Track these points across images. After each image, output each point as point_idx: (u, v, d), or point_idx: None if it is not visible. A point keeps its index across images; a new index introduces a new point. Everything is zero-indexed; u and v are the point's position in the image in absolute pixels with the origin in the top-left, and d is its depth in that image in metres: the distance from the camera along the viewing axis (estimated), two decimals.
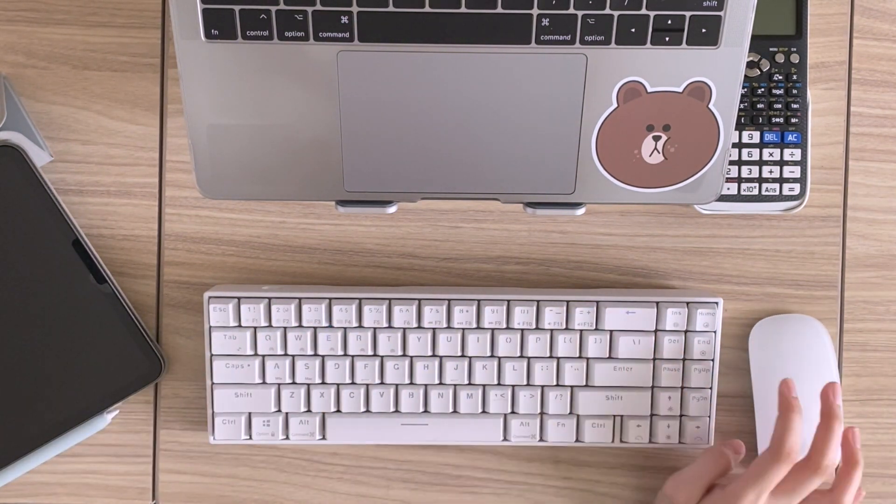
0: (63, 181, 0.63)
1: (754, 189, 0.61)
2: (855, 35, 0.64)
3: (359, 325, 0.60)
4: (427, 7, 0.51)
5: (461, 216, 0.64)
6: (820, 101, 0.64)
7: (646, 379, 0.61)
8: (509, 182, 0.56)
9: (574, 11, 0.51)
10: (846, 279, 0.64)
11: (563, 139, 0.55)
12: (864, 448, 0.64)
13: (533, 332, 0.61)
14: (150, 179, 0.63)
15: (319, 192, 0.56)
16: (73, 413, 0.61)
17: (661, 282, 0.64)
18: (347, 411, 0.61)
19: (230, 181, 0.56)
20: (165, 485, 0.64)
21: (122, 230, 0.63)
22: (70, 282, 0.61)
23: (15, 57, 0.62)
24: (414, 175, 0.55)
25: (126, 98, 0.63)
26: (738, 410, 0.64)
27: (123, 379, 0.62)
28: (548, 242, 0.64)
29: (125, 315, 0.61)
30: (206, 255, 0.63)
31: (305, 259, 0.64)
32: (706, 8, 0.51)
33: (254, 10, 0.51)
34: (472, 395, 0.61)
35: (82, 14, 0.62)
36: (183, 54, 0.52)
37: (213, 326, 0.60)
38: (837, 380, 0.62)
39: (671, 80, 0.53)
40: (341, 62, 0.52)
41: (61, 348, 0.61)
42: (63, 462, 0.63)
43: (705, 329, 0.61)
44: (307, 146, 0.55)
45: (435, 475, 0.64)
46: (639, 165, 0.55)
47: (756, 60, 0.61)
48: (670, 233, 0.64)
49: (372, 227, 0.64)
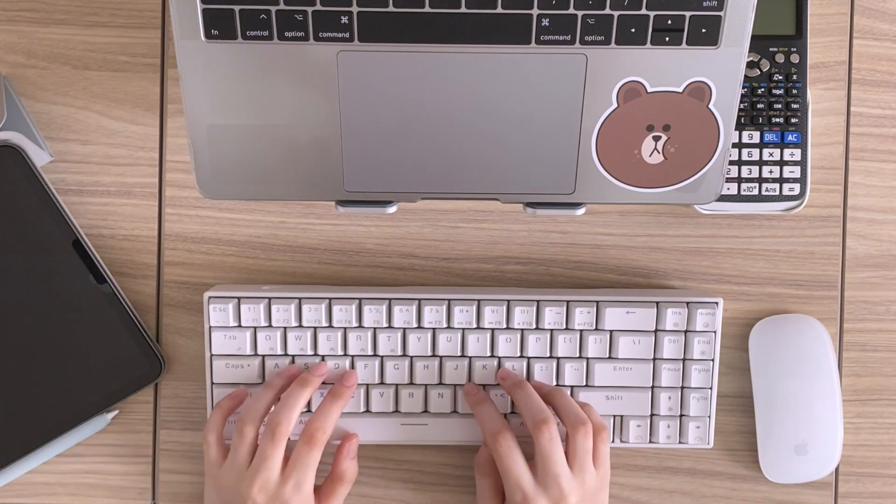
0: (63, 181, 0.63)
1: (754, 189, 0.61)
2: (855, 35, 0.64)
3: (359, 325, 0.60)
4: (427, 7, 0.51)
5: (461, 216, 0.64)
6: (820, 101, 0.64)
7: (646, 379, 0.61)
8: (509, 182, 0.56)
9: (574, 11, 0.51)
10: (846, 279, 0.64)
11: (563, 139, 0.55)
12: (864, 448, 0.64)
13: (533, 332, 0.61)
14: (150, 179, 0.63)
15: (319, 192, 0.56)
16: (73, 413, 0.61)
17: (661, 282, 0.64)
18: (348, 411, 0.61)
19: (230, 181, 0.56)
20: (165, 485, 0.64)
21: (122, 230, 0.63)
22: (70, 282, 0.61)
23: (15, 57, 0.62)
24: (414, 175, 0.55)
25: (126, 98, 0.63)
26: (738, 410, 0.64)
27: (123, 379, 0.62)
28: (548, 242, 0.64)
29: (125, 315, 0.61)
30: (206, 255, 0.63)
31: (305, 259, 0.64)
32: (706, 8, 0.51)
33: (254, 10, 0.51)
34: None
35: (82, 14, 0.62)
36: (183, 54, 0.52)
37: (213, 326, 0.60)
38: (837, 380, 0.62)
39: (671, 80, 0.53)
40: (341, 62, 0.52)
41: (61, 348, 0.61)
42: (63, 462, 0.63)
43: (705, 329, 0.61)
44: (307, 146, 0.55)
45: (435, 475, 0.64)
46: (639, 165, 0.55)
47: (756, 60, 0.61)
48: (670, 233, 0.64)
49: (372, 227, 0.64)
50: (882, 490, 0.65)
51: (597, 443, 0.57)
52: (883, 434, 0.65)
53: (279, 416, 0.55)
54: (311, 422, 0.56)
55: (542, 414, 0.56)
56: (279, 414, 0.56)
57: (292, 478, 0.55)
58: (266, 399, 0.57)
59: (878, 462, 0.65)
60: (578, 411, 0.57)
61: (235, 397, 0.60)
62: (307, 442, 0.55)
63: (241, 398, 0.60)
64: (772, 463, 0.63)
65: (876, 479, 0.65)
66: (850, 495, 0.65)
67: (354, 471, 0.60)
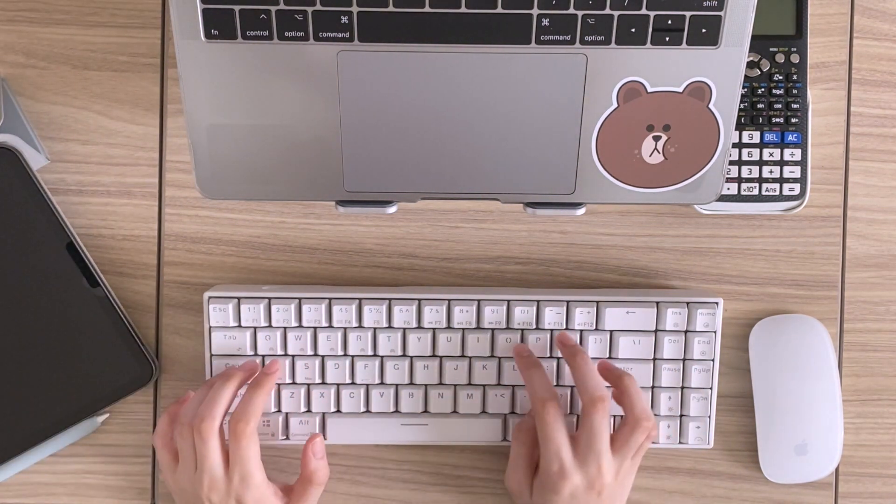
0: (63, 181, 0.63)
1: (754, 189, 0.61)
2: (855, 35, 0.64)
3: (359, 325, 0.60)
4: (427, 7, 0.51)
5: (461, 216, 0.64)
6: (820, 101, 0.64)
7: (646, 379, 0.61)
8: (509, 182, 0.56)
9: (574, 11, 0.51)
10: (846, 279, 0.64)
11: (563, 139, 0.55)
12: (863, 448, 0.64)
13: (533, 331, 0.61)
14: (150, 179, 0.63)
15: (319, 192, 0.56)
16: (64, 416, 0.61)
17: (661, 282, 0.64)
18: (347, 411, 0.61)
19: (230, 181, 0.56)
20: (165, 485, 0.64)
21: (121, 230, 0.63)
22: (63, 285, 0.61)
23: (15, 57, 0.62)
24: (414, 175, 0.55)
25: (126, 98, 0.63)
26: (738, 410, 0.64)
27: (115, 382, 0.62)
28: (548, 242, 0.64)
29: (118, 319, 0.61)
30: (206, 255, 0.63)
31: (305, 259, 0.64)
32: (706, 8, 0.51)
33: (254, 10, 0.51)
34: (472, 395, 0.61)
35: (82, 14, 0.62)
36: (183, 54, 0.52)
37: (213, 326, 0.60)
38: (838, 380, 0.62)
39: (671, 80, 0.53)
40: (341, 62, 0.52)
41: (53, 351, 0.61)
42: (63, 462, 0.63)
43: (705, 329, 0.61)
44: (307, 146, 0.55)
45: (435, 475, 0.64)
46: (639, 165, 0.55)
47: (756, 60, 0.61)
48: (670, 233, 0.64)
49: (372, 227, 0.64)
50: (882, 490, 0.65)
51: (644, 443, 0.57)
52: (883, 434, 0.65)
53: (201, 413, 0.55)
54: (233, 415, 0.56)
55: (600, 391, 0.56)
56: (201, 412, 0.56)
57: (235, 473, 0.55)
58: (198, 401, 0.57)
59: (878, 462, 0.65)
60: (646, 408, 0.57)
61: (183, 402, 0.60)
62: (232, 435, 0.55)
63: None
64: (772, 463, 0.63)
65: (876, 479, 0.65)
66: (850, 495, 0.65)
67: (325, 472, 0.59)
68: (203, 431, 0.55)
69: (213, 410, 0.55)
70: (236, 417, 0.56)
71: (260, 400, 0.57)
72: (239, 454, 0.55)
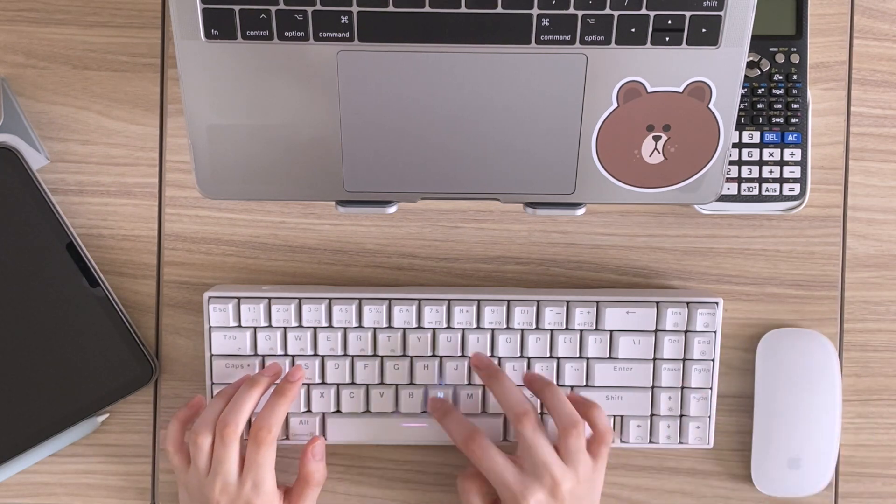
0: (63, 181, 0.63)
1: (754, 189, 0.61)
2: (855, 35, 0.64)
3: (359, 325, 0.60)
4: (427, 7, 0.51)
5: (461, 216, 0.64)
6: (820, 101, 0.64)
7: (646, 379, 0.61)
8: (509, 182, 0.56)
9: (574, 11, 0.51)
10: (846, 279, 0.64)
11: (563, 139, 0.55)
12: (864, 448, 0.64)
13: (533, 332, 0.61)
14: (150, 179, 0.63)
15: (319, 192, 0.56)
16: (63, 416, 0.61)
17: (661, 282, 0.64)
18: (347, 411, 0.61)
19: (230, 181, 0.56)
20: (165, 485, 0.64)
21: (121, 230, 0.63)
22: (63, 285, 0.61)
23: (15, 57, 0.62)
24: (414, 175, 0.55)
25: (126, 98, 0.63)
26: (738, 410, 0.64)
27: (115, 382, 0.62)
28: (548, 242, 0.64)
29: (117, 319, 0.61)
30: (206, 255, 0.63)
31: (305, 259, 0.64)
32: (706, 8, 0.51)
33: (254, 9, 0.51)
34: (472, 395, 0.61)
35: (82, 14, 0.62)
36: (183, 54, 0.52)
37: (213, 326, 0.60)
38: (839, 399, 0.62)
39: (671, 80, 0.53)
40: (341, 62, 0.52)
41: (53, 351, 0.61)
42: (63, 462, 0.63)
43: (705, 329, 0.61)
44: (307, 146, 0.55)
45: (435, 475, 0.64)
46: (639, 165, 0.55)
47: (756, 60, 0.61)
48: (670, 233, 0.64)
49: (372, 227, 0.64)
50: (882, 490, 0.65)
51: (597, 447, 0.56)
52: (883, 434, 0.65)
53: (226, 418, 0.56)
54: (255, 422, 0.56)
55: (522, 406, 0.55)
56: (226, 416, 0.56)
57: (249, 478, 0.55)
58: (218, 407, 0.57)
59: (878, 462, 0.65)
60: (571, 412, 0.56)
61: (192, 406, 0.60)
62: (253, 442, 0.56)
63: (198, 406, 0.60)
64: (764, 474, 0.62)
65: (876, 479, 0.65)
66: (850, 495, 0.65)
67: (322, 473, 0.59)
68: (226, 436, 0.55)
69: (238, 416, 0.56)
70: (258, 425, 0.56)
71: (283, 408, 0.57)
72: (257, 461, 0.55)
